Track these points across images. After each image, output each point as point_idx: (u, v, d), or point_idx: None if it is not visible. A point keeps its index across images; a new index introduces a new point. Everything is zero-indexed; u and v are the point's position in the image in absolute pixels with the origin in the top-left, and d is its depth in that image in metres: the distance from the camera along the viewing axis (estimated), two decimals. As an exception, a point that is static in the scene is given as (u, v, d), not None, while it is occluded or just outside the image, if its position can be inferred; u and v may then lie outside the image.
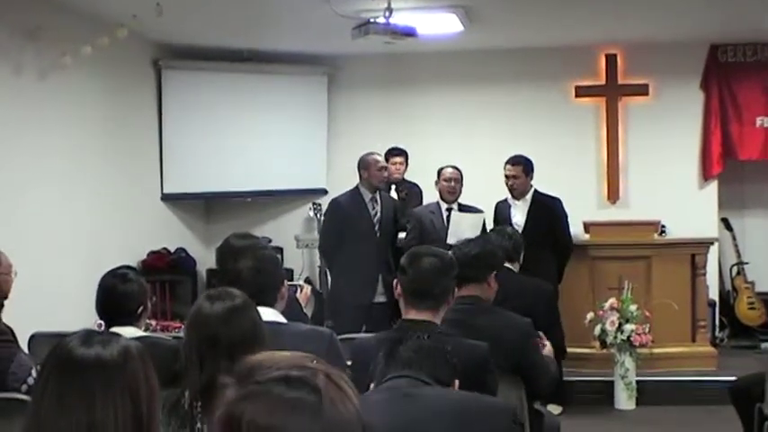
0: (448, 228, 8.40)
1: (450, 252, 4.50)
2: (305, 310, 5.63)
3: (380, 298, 8.33)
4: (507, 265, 5.89)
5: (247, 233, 5.95)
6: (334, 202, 8.82)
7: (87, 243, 8.65)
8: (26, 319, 5.34)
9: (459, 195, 8.63)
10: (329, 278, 9.15)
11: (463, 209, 8.58)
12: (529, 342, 4.64)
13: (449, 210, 8.55)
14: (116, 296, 4.40)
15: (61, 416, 2.26)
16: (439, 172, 8.71)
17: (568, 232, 8.46)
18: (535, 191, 8.40)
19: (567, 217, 8.42)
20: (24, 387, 4.11)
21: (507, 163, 8.40)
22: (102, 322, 4.44)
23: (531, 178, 8.38)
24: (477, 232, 8.19)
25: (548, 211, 8.31)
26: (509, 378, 4.43)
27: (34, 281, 6.26)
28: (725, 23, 9.57)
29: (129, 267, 4.83)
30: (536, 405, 4.89)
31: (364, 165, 8.45)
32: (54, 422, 2.27)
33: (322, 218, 9.48)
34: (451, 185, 8.58)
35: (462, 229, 8.21)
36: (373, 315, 8.16)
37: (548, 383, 4.83)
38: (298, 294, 5.68)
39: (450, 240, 8.04)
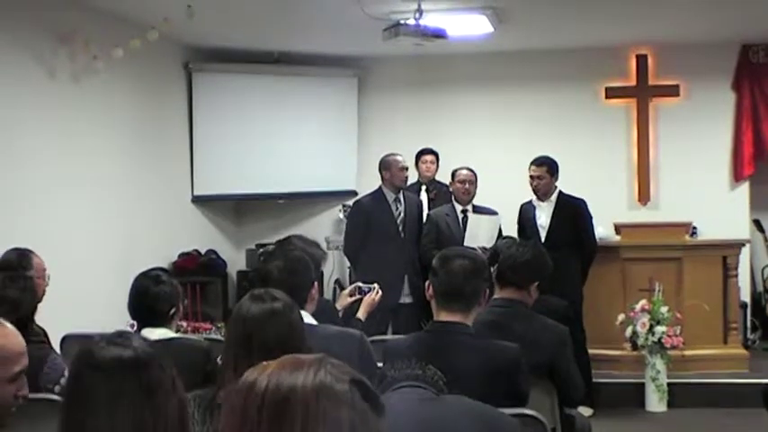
0: (464, 230, 8.38)
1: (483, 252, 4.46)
2: (359, 315, 5.62)
3: (407, 299, 8.32)
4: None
5: (313, 241, 5.85)
6: (357, 204, 8.84)
7: (119, 245, 8.70)
8: (58, 321, 5.38)
9: (473, 197, 8.61)
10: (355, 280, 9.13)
11: (477, 210, 8.56)
12: (564, 350, 4.62)
13: (464, 212, 8.53)
14: (148, 298, 4.42)
15: (86, 417, 2.28)
16: (453, 173, 8.69)
17: (593, 234, 8.41)
18: (560, 192, 8.34)
19: (591, 219, 8.37)
20: (57, 388, 4.13)
21: (532, 164, 8.35)
22: (135, 323, 4.47)
23: (556, 179, 8.32)
24: (494, 235, 8.22)
25: (572, 213, 8.26)
26: (542, 383, 4.42)
27: (66, 282, 6.28)
28: (756, 23, 9.52)
29: (162, 269, 4.85)
30: (567, 409, 4.88)
31: (386, 165, 8.46)
32: (78, 425, 2.29)
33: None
34: (466, 187, 8.55)
35: (480, 231, 8.22)
36: (400, 316, 8.15)
37: (578, 395, 4.81)
38: (368, 296, 5.67)
39: (467, 243, 8.04)
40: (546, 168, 8.28)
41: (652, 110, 10.74)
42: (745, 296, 10.18)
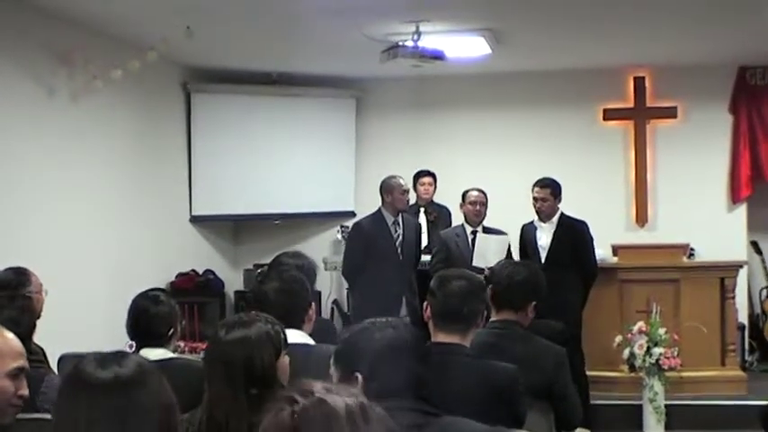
0: (473, 250, 8.38)
1: (483, 274, 4.44)
2: None
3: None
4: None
5: (299, 252, 5.90)
6: (356, 226, 8.81)
7: (117, 264, 8.70)
8: (56, 341, 5.37)
9: (484, 218, 8.61)
10: (353, 301, 9.13)
11: (487, 231, 8.56)
12: (562, 371, 4.60)
13: (474, 233, 8.53)
14: (147, 318, 4.43)
15: None
16: (464, 195, 8.69)
17: (594, 256, 8.42)
18: (562, 214, 8.36)
19: (592, 241, 8.38)
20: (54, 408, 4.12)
21: (536, 185, 8.37)
22: (134, 343, 4.47)
23: (559, 201, 8.34)
24: (503, 255, 8.19)
25: (574, 235, 8.27)
26: (539, 405, 4.41)
27: (64, 301, 6.29)
28: (753, 46, 9.53)
29: (161, 290, 4.85)
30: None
31: (387, 188, 8.43)
32: None
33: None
34: (477, 209, 8.56)
35: (489, 251, 8.21)
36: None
37: (576, 417, 4.78)
38: None
39: (476, 263, 8.05)
40: (550, 190, 8.29)
41: (650, 131, 10.76)
42: (743, 318, 10.17)
